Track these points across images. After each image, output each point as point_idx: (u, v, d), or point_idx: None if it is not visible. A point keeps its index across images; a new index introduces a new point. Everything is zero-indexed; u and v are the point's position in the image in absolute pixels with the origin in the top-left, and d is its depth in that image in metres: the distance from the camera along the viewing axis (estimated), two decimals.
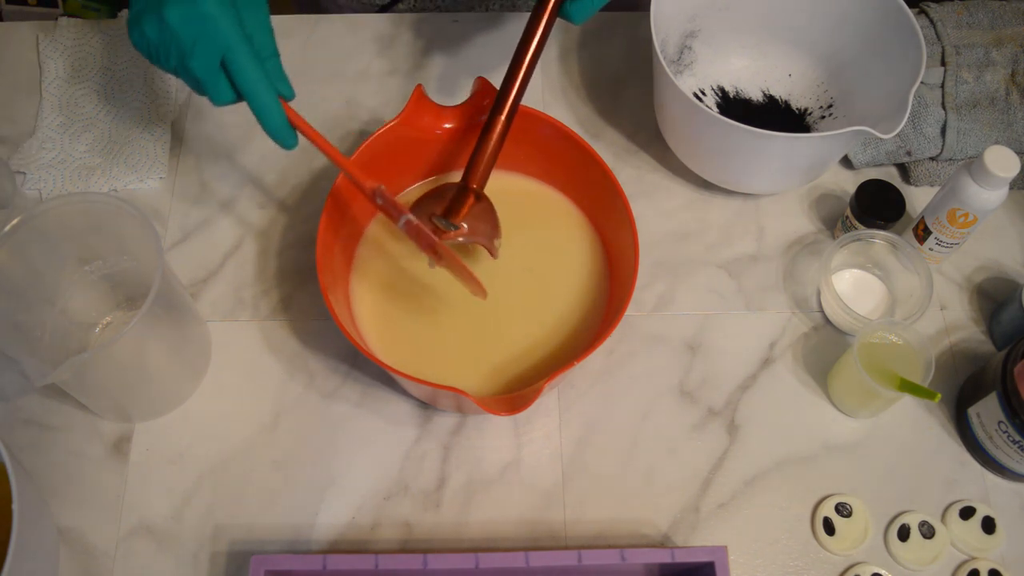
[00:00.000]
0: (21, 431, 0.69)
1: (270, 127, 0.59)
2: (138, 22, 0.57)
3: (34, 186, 0.78)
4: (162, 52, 0.57)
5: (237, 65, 0.57)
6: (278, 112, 0.59)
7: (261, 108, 0.58)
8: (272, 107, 0.58)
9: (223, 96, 0.58)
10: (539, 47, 0.66)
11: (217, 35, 0.56)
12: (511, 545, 0.66)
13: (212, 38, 0.56)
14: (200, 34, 0.55)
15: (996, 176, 0.66)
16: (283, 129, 0.59)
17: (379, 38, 0.88)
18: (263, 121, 0.59)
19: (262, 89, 0.58)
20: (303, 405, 0.71)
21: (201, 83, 0.57)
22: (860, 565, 0.66)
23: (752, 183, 0.77)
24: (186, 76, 0.58)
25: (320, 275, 0.63)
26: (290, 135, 0.60)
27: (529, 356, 0.70)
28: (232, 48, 0.56)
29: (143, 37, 0.57)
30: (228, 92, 0.58)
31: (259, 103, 0.58)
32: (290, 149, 0.61)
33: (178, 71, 0.58)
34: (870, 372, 0.66)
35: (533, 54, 0.66)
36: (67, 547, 0.65)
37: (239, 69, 0.57)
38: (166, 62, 0.58)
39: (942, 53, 0.82)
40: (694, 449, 0.70)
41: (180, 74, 0.58)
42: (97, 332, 0.72)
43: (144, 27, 0.56)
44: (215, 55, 0.56)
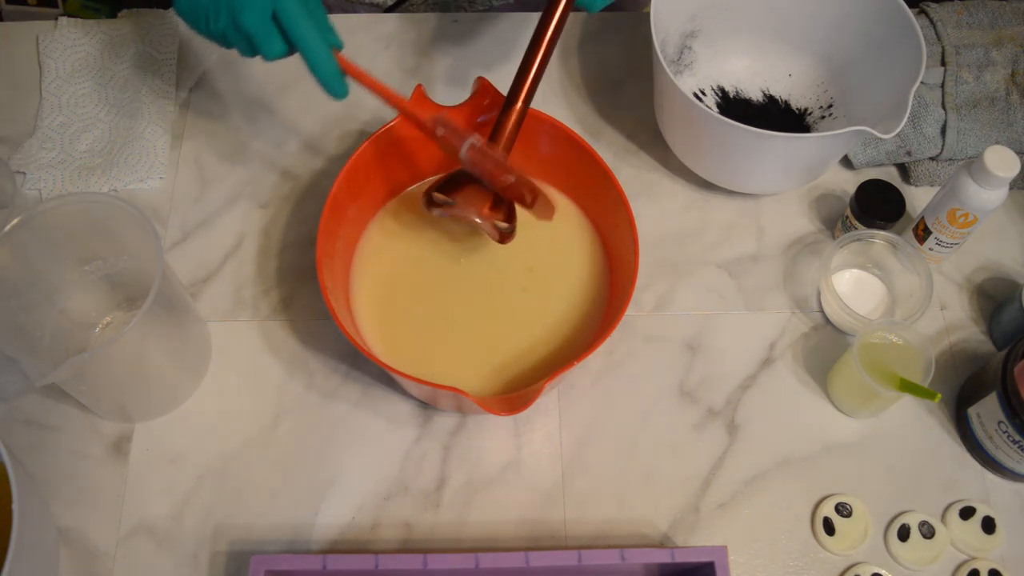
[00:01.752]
0: (21, 431, 0.69)
1: (324, 76, 0.60)
2: None
3: (34, 186, 0.78)
4: (211, 12, 0.58)
5: (289, 16, 0.58)
6: (331, 61, 0.60)
7: (315, 58, 0.59)
8: (325, 56, 0.60)
9: (276, 49, 0.60)
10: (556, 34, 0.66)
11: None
12: (511, 545, 0.66)
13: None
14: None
15: (996, 176, 0.66)
16: (336, 78, 0.61)
17: (379, 38, 0.88)
18: (317, 70, 0.60)
19: (314, 39, 0.59)
20: (303, 405, 0.71)
21: (253, 37, 0.59)
22: (860, 565, 0.66)
23: (752, 183, 0.77)
24: (236, 34, 0.59)
25: (320, 275, 0.63)
26: (341, 84, 0.61)
27: (529, 356, 0.70)
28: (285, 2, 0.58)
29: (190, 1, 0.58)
30: (281, 44, 0.60)
31: (312, 53, 0.59)
32: (341, 98, 0.62)
33: (227, 30, 0.59)
34: (870, 372, 0.66)
35: (550, 40, 0.66)
36: (67, 547, 0.65)
37: (292, 20, 0.58)
38: (215, 23, 0.59)
39: (942, 53, 0.82)
40: (694, 449, 0.70)
41: (229, 33, 0.59)
42: (97, 332, 0.72)
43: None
44: (267, 7, 0.58)
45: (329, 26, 0.62)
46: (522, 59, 0.67)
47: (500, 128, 0.67)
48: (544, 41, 0.66)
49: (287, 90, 0.85)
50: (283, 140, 0.82)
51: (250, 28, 0.58)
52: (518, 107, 0.66)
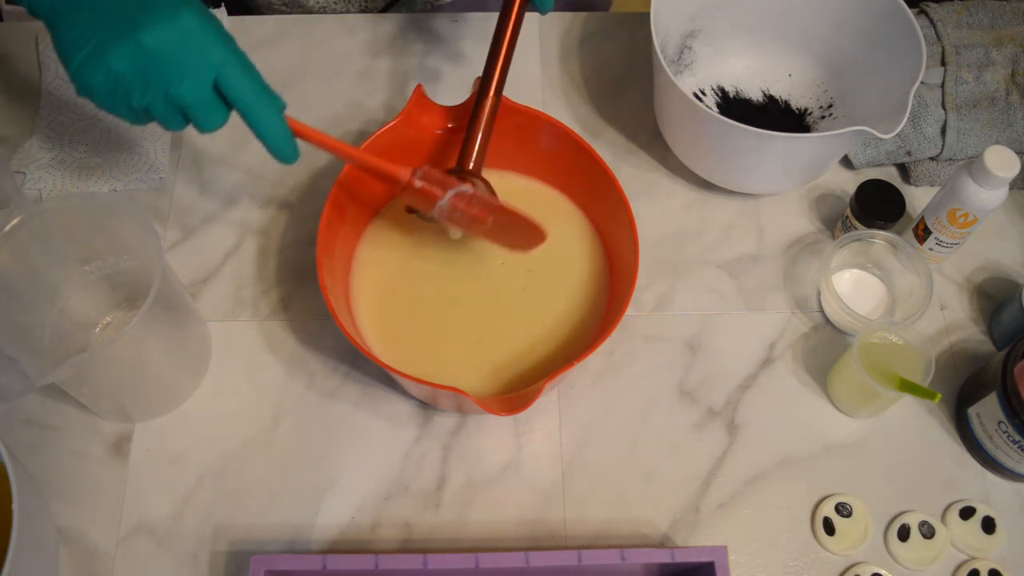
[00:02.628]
0: (21, 431, 0.69)
1: (274, 141, 0.55)
2: (99, 59, 0.50)
3: (34, 186, 0.78)
4: (135, 86, 0.51)
5: (233, 81, 0.52)
6: (281, 125, 0.55)
7: (264, 123, 0.54)
8: (275, 120, 0.54)
9: (217, 119, 0.53)
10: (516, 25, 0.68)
11: (208, 53, 0.51)
12: (511, 545, 0.66)
13: (203, 57, 0.51)
14: (188, 54, 0.50)
15: (996, 176, 0.66)
16: (286, 142, 0.55)
17: (379, 38, 0.88)
18: (266, 136, 0.54)
19: (263, 103, 0.53)
20: (303, 405, 0.71)
21: (191, 109, 0.52)
22: (860, 565, 0.66)
23: (752, 183, 0.77)
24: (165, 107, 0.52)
25: (320, 275, 0.63)
26: (293, 148, 0.56)
27: (529, 356, 0.70)
28: (226, 64, 0.52)
29: (110, 75, 0.50)
30: (222, 114, 0.54)
31: (261, 118, 0.54)
32: (291, 163, 0.57)
33: (153, 105, 0.52)
34: (870, 372, 0.66)
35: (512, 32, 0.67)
36: (67, 547, 0.65)
37: (236, 86, 0.52)
38: (138, 98, 0.51)
39: (942, 53, 0.82)
40: (694, 449, 0.70)
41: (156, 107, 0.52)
42: (97, 332, 0.72)
43: (111, 62, 0.50)
44: (208, 75, 0.51)
45: (267, 86, 0.55)
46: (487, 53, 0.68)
47: (470, 137, 0.67)
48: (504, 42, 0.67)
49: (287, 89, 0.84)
50: None
51: (190, 100, 0.51)
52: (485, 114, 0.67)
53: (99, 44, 0.50)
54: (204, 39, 0.51)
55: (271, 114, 0.54)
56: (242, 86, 0.53)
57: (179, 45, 0.50)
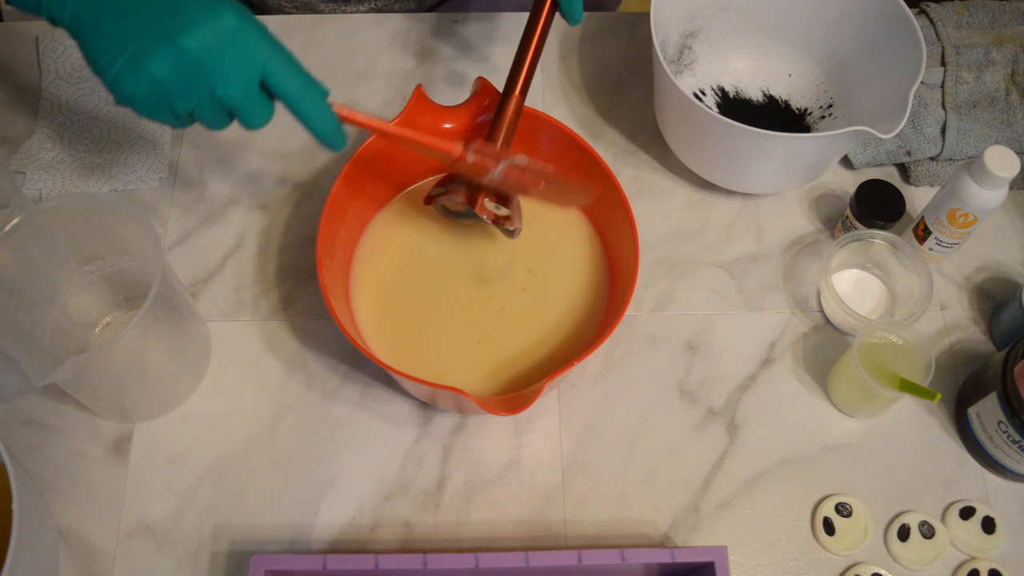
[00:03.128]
0: (21, 431, 0.69)
1: (324, 131, 0.54)
2: (139, 67, 0.49)
3: (34, 186, 0.78)
4: (179, 91, 0.50)
5: (280, 77, 0.51)
6: (330, 115, 0.54)
7: (313, 114, 0.53)
8: (323, 111, 0.54)
9: (265, 116, 0.53)
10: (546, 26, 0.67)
11: (253, 50, 0.50)
12: (511, 545, 0.66)
13: (249, 55, 0.50)
14: (233, 54, 0.49)
15: (996, 176, 0.66)
16: (336, 131, 0.55)
17: (379, 38, 0.88)
18: (316, 127, 0.54)
19: (311, 95, 0.53)
20: (303, 405, 0.71)
21: (238, 109, 0.51)
22: (860, 565, 0.66)
23: (752, 183, 0.77)
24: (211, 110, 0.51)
25: (320, 275, 0.63)
26: (341, 136, 0.56)
27: (529, 356, 0.70)
28: (271, 60, 0.51)
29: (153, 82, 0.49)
30: (270, 110, 0.53)
31: (310, 110, 0.53)
32: (339, 150, 0.56)
33: (198, 108, 0.51)
34: (870, 372, 0.66)
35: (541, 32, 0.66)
36: (67, 547, 0.65)
37: (284, 82, 0.51)
38: (182, 103, 0.50)
39: (942, 53, 0.82)
40: (694, 449, 0.70)
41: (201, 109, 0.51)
42: (97, 332, 0.72)
43: (153, 68, 0.48)
44: (254, 74, 0.51)
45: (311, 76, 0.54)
46: (515, 53, 0.67)
47: (494, 134, 0.67)
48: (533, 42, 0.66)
49: None
50: (283, 140, 0.82)
51: (237, 100, 0.50)
52: (510, 113, 0.67)
53: (137, 51, 0.49)
54: (247, 36, 0.50)
55: (319, 105, 0.53)
56: (289, 80, 0.52)
57: (222, 45, 0.49)
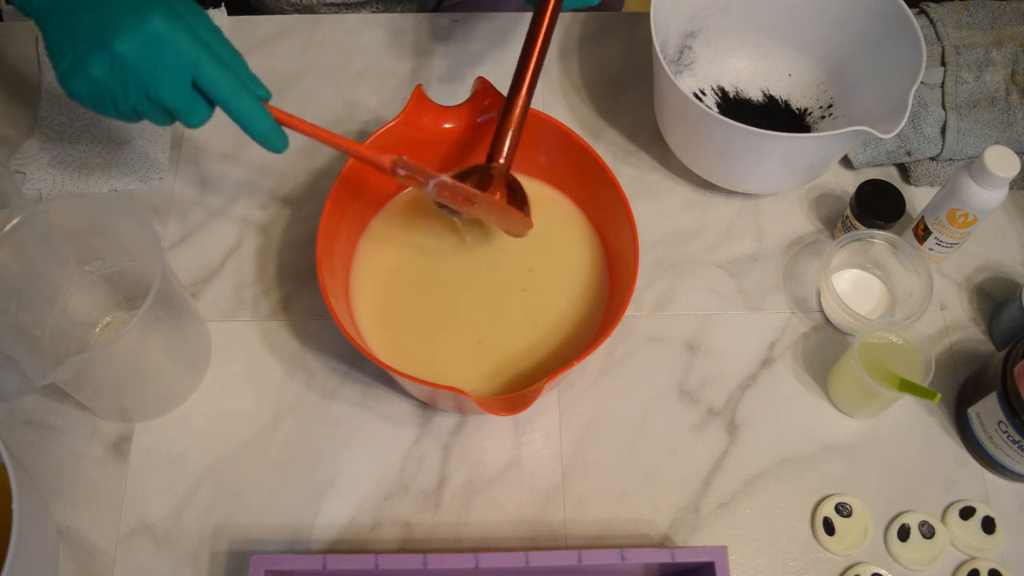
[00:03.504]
0: (21, 431, 0.69)
1: (258, 132, 0.56)
2: (79, 68, 0.52)
3: (34, 186, 0.78)
4: (117, 92, 0.52)
5: (209, 79, 0.53)
6: (264, 117, 0.56)
7: (245, 115, 0.55)
8: (256, 111, 0.55)
9: (200, 115, 0.55)
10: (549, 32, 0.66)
11: (181, 53, 0.52)
12: (511, 545, 0.66)
13: (177, 58, 0.52)
14: (162, 57, 0.51)
15: (996, 176, 0.66)
16: (272, 132, 0.56)
17: (379, 38, 0.88)
18: (250, 128, 0.56)
19: (242, 96, 0.54)
20: (303, 405, 0.71)
21: (173, 109, 0.54)
22: (860, 565, 0.66)
23: (752, 183, 0.77)
24: (150, 108, 0.54)
25: (320, 275, 0.63)
26: (280, 137, 0.57)
27: (529, 356, 0.70)
28: (199, 62, 0.53)
29: (92, 83, 0.52)
30: (207, 110, 0.55)
31: (242, 111, 0.55)
32: (280, 151, 0.58)
33: (138, 107, 0.54)
34: (870, 372, 0.66)
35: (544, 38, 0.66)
36: (67, 547, 0.65)
37: (212, 83, 0.53)
38: (122, 102, 0.53)
39: (942, 53, 0.82)
40: (694, 449, 0.70)
41: (141, 108, 0.54)
42: (97, 332, 0.72)
43: (89, 70, 0.51)
44: (184, 76, 0.53)
45: (252, 76, 0.57)
46: (518, 60, 0.67)
47: (501, 132, 0.67)
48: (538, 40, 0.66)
49: (287, 89, 0.85)
50: None
51: (170, 101, 0.53)
52: (517, 111, 0.66)
53: (79, 54, 0.52)
54: (176, 40, 0.52)
55: (249, 105, 0.55)
56: (217, 82, 0.53)
57: (151, 49, 0.51)
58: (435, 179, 0.60)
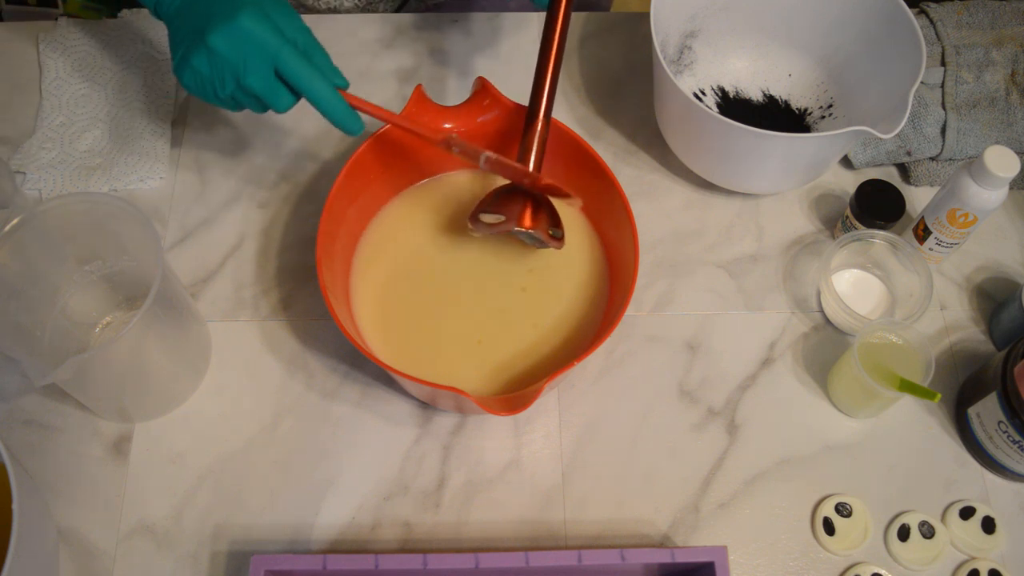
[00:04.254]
0: (21, 431, 0.69)
1: (335, 116, 0.62)
2: (187, 62, 0.60)
3: (34, 186, 0.78)
4: (216, 81, 0.60)
5: (290, 68, 0.60)
6: (339, 101, 0.62)
7: (323, 101, 0.61)
8: (333, 98, 0.62)
9: (286, 102, 0.62)
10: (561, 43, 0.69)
11: (265, 46, 0.59)
12: (511, 545, 0.66)
13: (261, 50, 0.59)
14: (249, 50, 0.59)
15: (996, 176, 0.66)
16: (348, 116, 0.63)
17: (379, 38, 0.88)
18: (326, 111, 0.62)
19: (319, 84, 0.61)
20: (303, 405, 0.71)
21: (261, 96, 0.61)
22: (860, 565, 0.66)
23: (752, 183, 0.77)
24: (245, 96, 0.61)
25: (320, 275, 0.63)
26: (355, 120, 0.63)
27: (529, 356, 0.70)
28: (280, 53, 0.59)
29: (196, 74, 0.60)
30: (289, 96, 0.62)
31: (319, 97, 0.61)
32: (356, 133, 0.64)
33: (236, 95, 0.61)
34: (870, 372, 0.66)
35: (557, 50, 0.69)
36: (67, 547, 0.65)
37: (293, 71, 0.60)
38: (222, 90, 0.61)
39: (942, 53, 0.82)
40: (694, 449, 0.70)
41: (239, 96, 0.61)
42: (97, 332, 0.72)
43: (194, 63, 0.60)
44: (268, 66, 0.60)
45: (333, 67, 0.63)
46: (535, 73, 0.68)
47: (525, 148, 0.68)
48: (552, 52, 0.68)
49: None
50: (283, 140, 0.82)
51: (257, 89, 0.60)
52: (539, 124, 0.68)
53: (186, 48, 0.60)
54: (260, 35, 0.59)
55: (325, 91, 0.61)
56: (295, 70, 0.60)
57: (239, 43, 0.59)
58: (484, 154, 0.65)
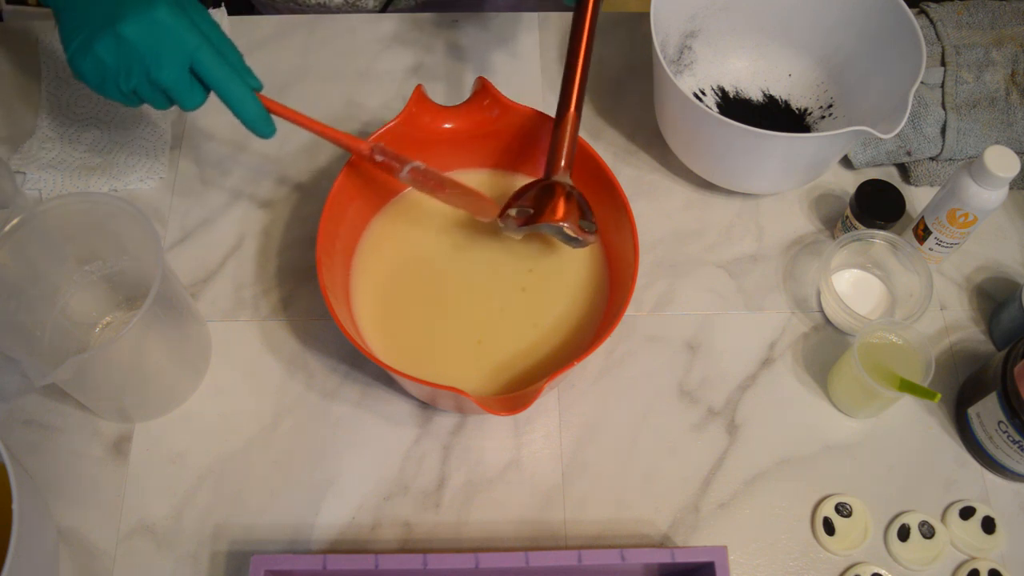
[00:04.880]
0: (21, 431, 0.69)
1: (248, 117, 0.60)
2: (88, 49, 0.57)
3: (34, 186, 0.78)
4: (121, 73, 0.57)
5: (206, 65, 0.58)
6: (253, 102, 0.60)
7: (237, 101, 0.59)
8: (247, 98, 0.60)
9: (195, 99, 0.59)
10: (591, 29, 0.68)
11: (182, 40, 0.57)
12: (511, 545, 0.66)
13: (177, 44, 0.57)
14: (163, 43, 0.56)
15: (996, 176, 0.66)
16: (260, 118, 0.61)
17: (379, 38, 0.88)
18: (240, 113, 0.60)
19: (235, 84, 0.59)
20: (303, 405, 0.71)
21: (171, 91, 0.58)
22: (860, 565, 0.66)
23: (752, 183, 0.77)
24: (150, 91, 0.59)
25: (320, 275, 0.63)
26: (268, 123, 0.62)
27: (529, 356, 0.70)
28: (198, 50, 0.57)
29: (98, 63, 0.57)
30: (201, 94, 0.60)
31: (234, 98, 0.59)
32: (268, 137, 0.62)
33: (139, 88, 0.58)
34: (870, 372, 0.66)
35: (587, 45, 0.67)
36: (67, 547, 0.65)
37: (208, 69, 0.58)
38: (125, 82, 0.58)
39: (942, 53, 0.82)
40: (694, 449, 0.70)
41: (142, 90, 0.58)
42: (97, 332, 0.72)
43: (98, 51, 0.56)
44: (183, 60, 0.57)
45: (246, 67, 0.62)
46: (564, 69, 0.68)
47: (557, 141, 0.67)
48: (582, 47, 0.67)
49: (287, 89, 0.85)
50: (283, 140, 0.82)
51: (168, 83, 0.58)
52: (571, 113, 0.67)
53: (88, 35, 0.57)
54: (177, 28, 0.57)
55: (240, 91, 0.60)
56: (213, 68, 0.58)
57: (154, 35, 0.56)
58: (410, 164, 0.64)
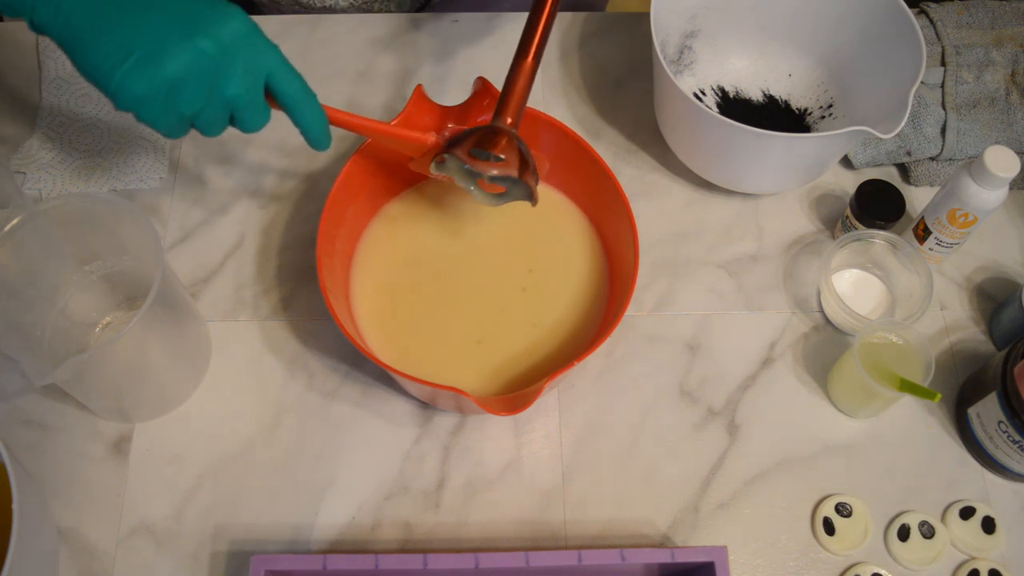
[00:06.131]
0: (21, 431, 0.69)
1: (318, 133, 0.57)
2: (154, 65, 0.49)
3: (34, 186, 0.78)
4: (190, 92, 0.51)
5: (285, 80, 0.54)
6: (324, 119, 0.57)
7: (311, 119, 0.56)
8: (321, 114, 0.57)
9: (263, 119, 0.55)
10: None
11: (262, 52, 0.52)
12: (511, 545, 0.66)
13: (256, 57, 0.52)
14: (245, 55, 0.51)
15: (996, 176, 0.66)
16: (327, 134, 0.58)
17: (379, 38, 0.88)
18: (312, 129, 0.57)
19: (312, 100, 0.56)
20: (303, 405, 0.71)
21: (242, 110, 0.53)
22: (860, 565, 0.66)
23: (752, 183, 0.77)
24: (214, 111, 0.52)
25: (320, 275, 0.63)
26: (329, 137, 0.59)
27: (529, 356, 0.70)
28: (279, 63, 0.53)
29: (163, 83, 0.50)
30: (267, 112, 0.55)
31: (310, 114, 0.56)
32: (325, 150, 0.59)
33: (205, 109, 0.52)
34: (870, 372, 0.66)
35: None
36: (67, 547, 0.65)
37: (288, 84, 0.54)
38: (189, 103, 0.51)
39: (942, 53, 0.82)
40: (694, 449, 0.70)
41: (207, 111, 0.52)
42: (97, 332, 0.72)
43: (166, 68, 0.49)
44: (262, 75, 0.52)
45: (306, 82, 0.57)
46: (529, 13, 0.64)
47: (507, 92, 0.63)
48: None
49: None
50: (283, 140, 0.82)
51: (243, 101, 0.52)
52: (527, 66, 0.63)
53: (150, 52, 0.49)
54: (258, 40, 0.52)
55: (316, 107, 0.56)
56: (292, 83, 0.54)
57: (235, 48, 0.51)
58: None
